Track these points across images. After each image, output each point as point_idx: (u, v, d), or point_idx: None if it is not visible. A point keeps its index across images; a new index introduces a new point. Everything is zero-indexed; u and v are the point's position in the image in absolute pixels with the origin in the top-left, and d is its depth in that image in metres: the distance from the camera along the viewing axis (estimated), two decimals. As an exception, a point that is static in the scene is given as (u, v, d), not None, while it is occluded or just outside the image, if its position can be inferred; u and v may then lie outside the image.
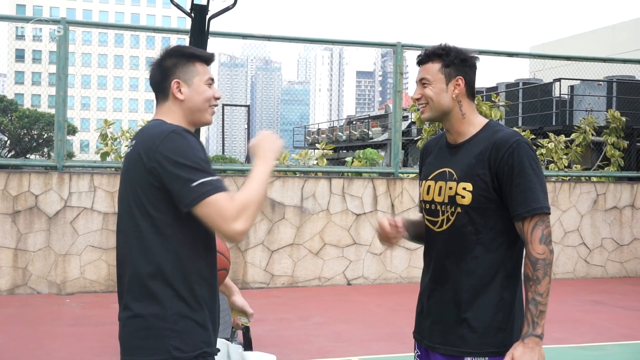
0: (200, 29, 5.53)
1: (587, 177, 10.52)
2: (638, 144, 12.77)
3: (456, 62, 2.37)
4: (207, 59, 2.31)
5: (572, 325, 6.91)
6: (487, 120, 2.42)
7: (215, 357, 2.20)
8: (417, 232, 2.55)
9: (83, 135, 46.28)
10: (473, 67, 2.41)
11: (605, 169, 10.97)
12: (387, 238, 2.48)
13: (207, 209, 2.03)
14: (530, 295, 2.21)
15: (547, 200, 2.27)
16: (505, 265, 2.31)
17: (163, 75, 2.25)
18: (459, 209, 2.32)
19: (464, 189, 2.31)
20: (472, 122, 2.39)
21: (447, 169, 2.39)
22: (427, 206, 2.44)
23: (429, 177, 2.46)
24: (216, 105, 2.32)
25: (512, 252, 2.32)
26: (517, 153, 2.25)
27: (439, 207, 2.38)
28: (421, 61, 2.43)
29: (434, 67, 2.38)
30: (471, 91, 2.41)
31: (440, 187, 2.38)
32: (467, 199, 2.30)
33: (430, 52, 2.40)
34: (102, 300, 7.49)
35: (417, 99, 2.43)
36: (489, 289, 2.29)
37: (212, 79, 2.31)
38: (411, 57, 6.75)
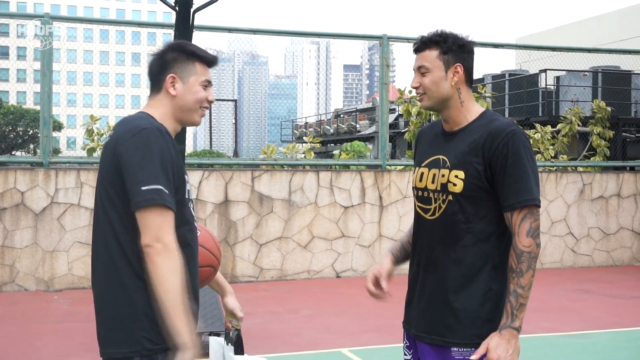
0: (184, 23, 5.50)
1: (573, 167, 10.59)
2: (623, 133, 12.86)
3: (454, 48, 2.31)
4: (209, 61, 2.28)
5: (559, 314, 6.96)
6: (483, 109, 2.38)
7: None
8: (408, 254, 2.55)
9: (69, 132, 45.94)
10: (471, 53, 2.36)
11: (592, 158, 11.05)
12: (375, 296, 2.49)
13: (145, 213, 2.03)
14: (512, 287, 2.19)
15: (538, 193, 2.24)
16: (493, 256, 2.27)
17: (161, 67, 2.24)
18: (450, 197, 2.28)
19: (456, 176, 2.27)
20: (470, 110, 2.35)
21: (440, 157, 2.35)
22: (420, 193, 2.40)
23: (423, 164, 2.42)
24: (207, 108, 2.29)
25: (501, 243, 2.29)
26: (512, 143, 2.21)
27: (431, 194, 2.34)
28: (418, 49, 2.37)
29: (432, 54, 2.32)
30: (470, 78, 2.36)
31: (434, 175, 2.34)
32: (459, 187, 2.26)
33: (427, 39, 2.34)
34: (91, 296, 7.43)
35: (416, 88, 2.38)
36: (477, 279, 2.26)
37: (209, 82, 2.28)
38: (398, 49, 6.73)
